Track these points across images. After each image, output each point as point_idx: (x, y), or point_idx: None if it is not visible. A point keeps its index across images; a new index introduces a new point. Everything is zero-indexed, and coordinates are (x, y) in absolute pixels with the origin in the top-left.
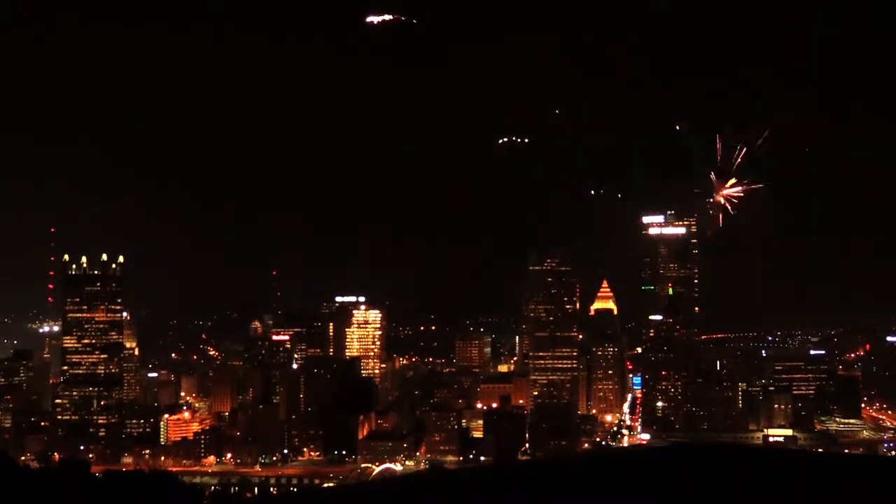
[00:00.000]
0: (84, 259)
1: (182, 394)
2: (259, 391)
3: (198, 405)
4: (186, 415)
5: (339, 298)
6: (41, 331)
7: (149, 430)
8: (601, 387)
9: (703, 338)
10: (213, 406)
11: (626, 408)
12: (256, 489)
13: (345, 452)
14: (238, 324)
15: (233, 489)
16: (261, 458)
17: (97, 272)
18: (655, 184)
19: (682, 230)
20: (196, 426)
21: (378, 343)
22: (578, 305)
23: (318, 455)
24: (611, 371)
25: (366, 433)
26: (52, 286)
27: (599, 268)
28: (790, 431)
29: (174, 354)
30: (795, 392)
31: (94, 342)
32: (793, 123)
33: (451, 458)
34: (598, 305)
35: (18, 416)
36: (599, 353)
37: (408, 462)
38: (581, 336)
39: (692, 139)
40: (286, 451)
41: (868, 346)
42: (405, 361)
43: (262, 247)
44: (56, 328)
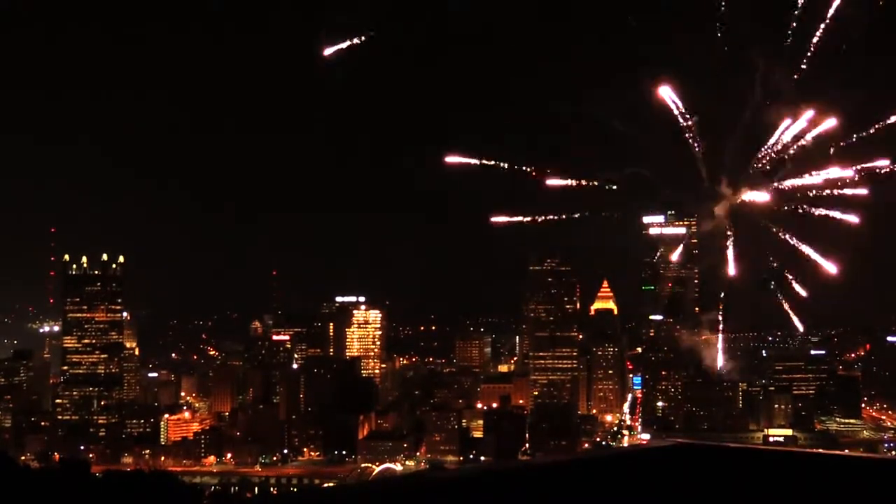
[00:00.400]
0: (84, 259)
1: (182, 394)
2: (259, 391)
3: (198, 405)
4: (186, 415)
5: (339, 298)
6: (41, 331)
7: (149, 430)
8: (601, 387)
9: (704, 338)
10: (213, 406)
11: (626, 408)
12: (256, 489)
13: (345, 452)
14: (238, 324)
15: (233, 489)
16: (261, 458)
17: (97, 272)
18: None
19: (682, 230)
20: (196, 426)
21: (378, 343)
22: (578, 305)
23: (318, 455)
24: (611, 371)
25: (366, 433)
26: (52, 286)
27: (599, 268)
28: (790, 431)
29: (174, 354)
30: (795, 392)
31: (94, 342)
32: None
33: (451, 458)
34: (598, 305)
35: (18, 416)
36: (599, 353)
37: (408, 462)
38: (581, 336)
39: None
40: (286, 451)
41: (868, 346)
42: (405, 361)
43: (262, 247)
44: (56, 328)
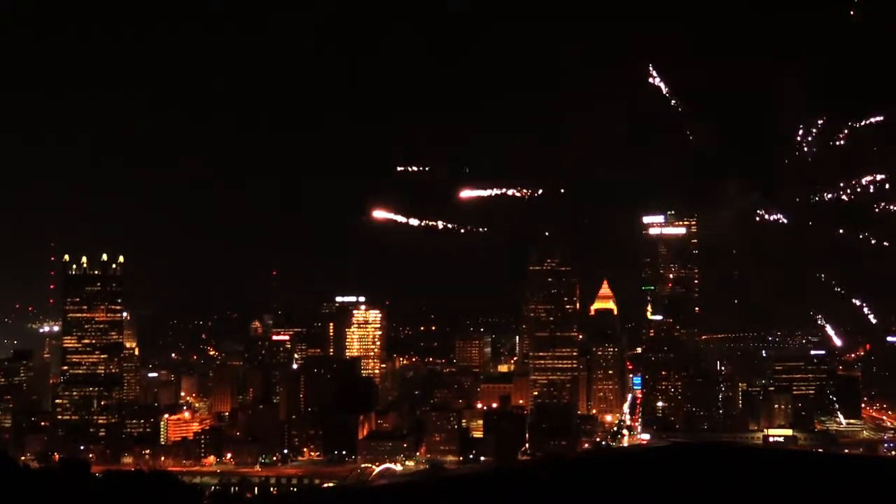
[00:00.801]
0: (84, 259)
1: (182, 394)
2: (259, 391)
3: (198, 405)
4: (186, 415)
5: (339, 298)
6: (41, 331)
7: (149, 430)
8: (601, 387)
9: (704, 338)
10: (213, 406)
11: (626, 408)
12: (256, 489)
13: (345, 452)
14: (238, 324)
15: (233, 489)
16: (261, 458)
17: (97, 272)
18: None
19: (682, 230)
20: (196, 426)
21: (378, 343)
22: (578, 305)
23: (318, 455)
24: (611, 371)
25: (366, 433)
26: (52, 286)
27: (599, 268)
28: (790, 431)
29: (174, 354)
30: (795, 392)
31: (94, 342)
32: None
33: (451, 458)
34: (598, 305)
35: (18, 416)
36: (599, 353)
37: (408, 462)
38: (581, 336)
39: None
40: (286, 451)
41: (868, 346)
42: (405, 361)
43: (263, 247)
44: (56, 328)
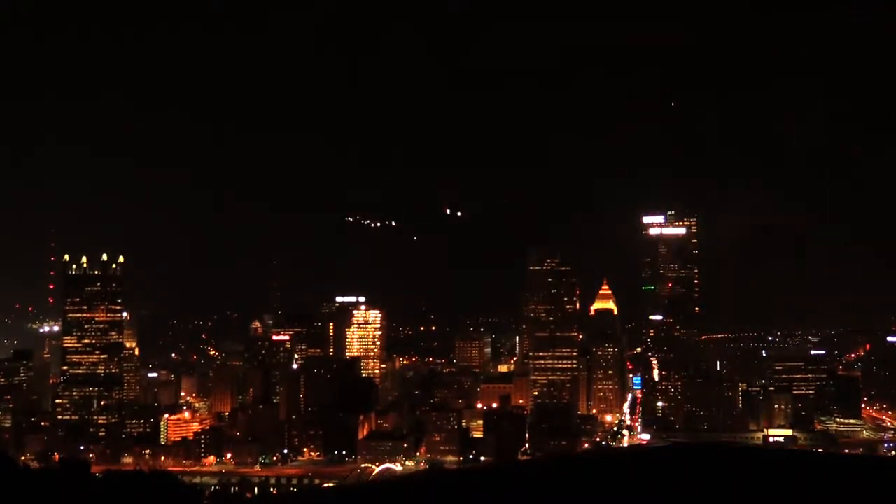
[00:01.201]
0: (84, 259)
1: (182, 394)
2: (259, 391)
3: (198, 405)
4: (186, 415)
5: (339, 298)
6: (41, 331)
7: (149, 430)
8: (601, 387)
9: (704, 338)
10: (213, 406)
11: (626, 408)
12: (256, 489)
13: (345, 452)
14: (238, 324)
15: (233, 489)
16: (261, 458)
17: (97, 272)
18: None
19: (682, 230)
20: (196, 426)
21: (378, 343)
22: (578, 305)
23: (318, 455)
24: (611, 371)
25: (366, 433)
26: (52, 286)
27: (599, 268)
28: (790, 431)
29: (174, 354)
30: (795, 392)
31: (94, 342)
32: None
33: (451, 458)
34: (598, 305)
35: (18, 416)
36: (599, 353)
37: (408, 462)
38: (581, 336)
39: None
40: (286, 451)
41: (868, 346)
42: (405, 361)
43: (262, 247)
44: (56, 328)
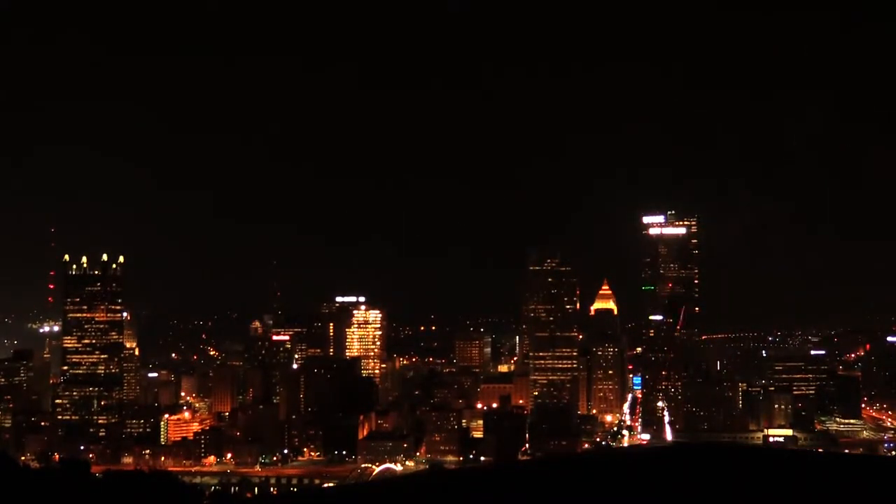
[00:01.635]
0: (84, 259)
1: (182, 394)
2: (259, 391)
3: (198, 405)
4: (186, 415)
5: (339, 298)
6: (41, 331)
7: (149, 430)
8: (601, 387)
9: (704, 337)
10: (213, 406)
11: (626, 408)
12: (256, 489)
13: (345, 452)
14: (238, 324)
15: (233, 489)
16: (261, 458)
17: (97, 272)
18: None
19: (682, 230)
20: (196, 426)
21: (378, 343)
22: (578, 305)
23: (318, 455)
24: (611, 371)
25: (366, 433)
26: (52, 286)
27: (599, 268)
28: (790, 431)
29: (174, 354)
30: (795, 392)
31: (94, 342)
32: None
33: (451, 458)
34: (598, 305)
35: (18, 416)
36: (599, 353)
37: (408, 462)
38: (581, 336)
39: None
40: (286, 451)
41: (868, 346)
42: (405, 361)
43: (263, 247)
44: (56, 328)
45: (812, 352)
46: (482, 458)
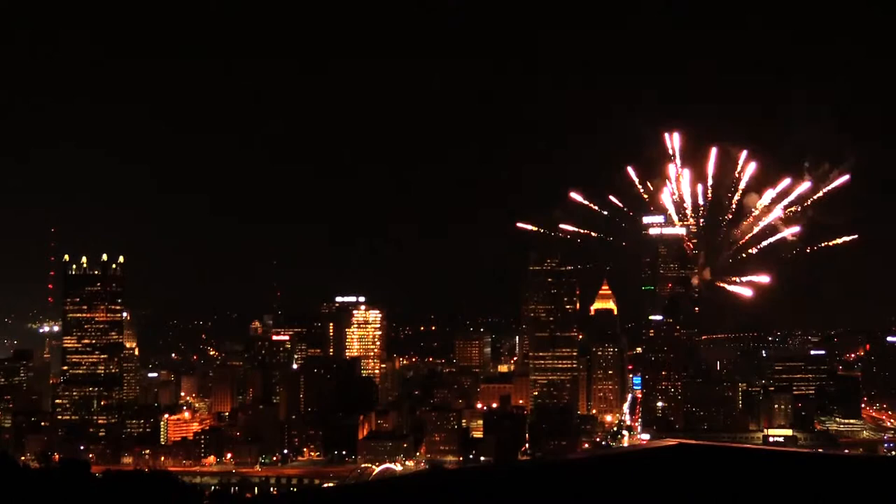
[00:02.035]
0: (84, 259)
1: (182, 394)
2: (259, 391)
3: (198, 405)
4: (186, 415)
5: (339, 298)
6: (41, 331)
7: (149, 430)
8: (601, 387)
9: (704, 337)
10: (213, 406)
11: (626, 408)
12: (256, 489)
13: (345, 452)
14: (238, 324)
15: (233, 489)
16: (261, 458)
17: (97, 272)
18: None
19: (683, 230)
20: (196, 426)
21: (378, 343)
22: (578, 305)
23: (318, 455)
24: (611, 371)
25: (366, 433)
26: (52, 286)
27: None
28: (790, 431)
29: (174, 354)
30: (795, 392)
31: (94, 342)
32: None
33: (451, 458)
34: (598, 305)
35: (18, 416)
36: (599, 353)
37: (408, 462)
38: (581, 336)
39: None
40: (286, 451)
41: (868, 346)
42: (405, 361)
43: (263, 247)
44: (56, 328)
45: (812, 352)
46: (482, 458)
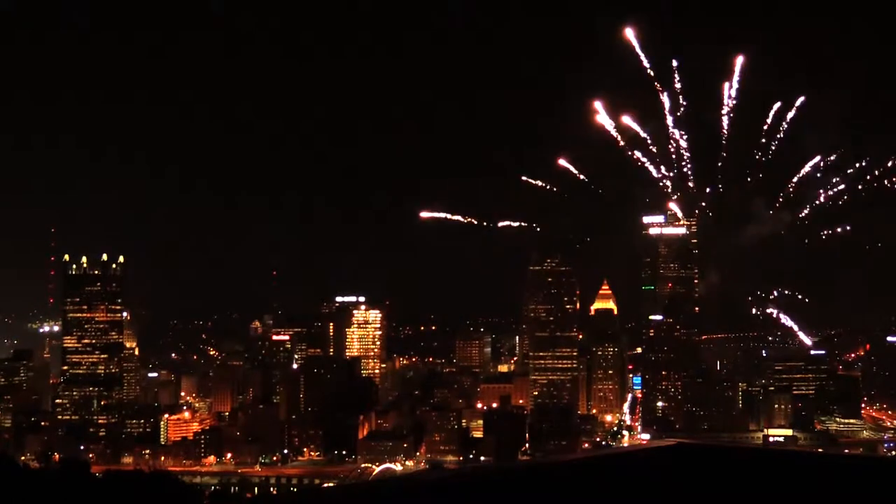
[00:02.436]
0: (84, 259)
1: (182, 394)
2: (259, 391)
3: (198, 405)
4: (186, 415)
5: (339, 298)
6: (41, 331)
7: (149, 430)
8: (601, 387)
9: (704, 337)
10: (213, 406)
11: (626, 408)
12: (256, 489)
13: (345, 452)
14: (238, 324)
15: (233, 489)
16: (261, 458)
17: (97, 272)
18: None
19: (682, 230)
20: (196, 426)
21: (378, 343)
22: (578, 305)
23: (318, 455)
24: (611, 371)
25: (366, 433)
26: (52, 286)
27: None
28: (790, 431)
29: (174, 354)
30: (795, 392)
31: (94, 342)
32: None
33: (451, 458)
34: (598, 305)
35: (18, 416)
36: (599, 353)
37: (408, 462)
38: (581, 336)
39: None
40: (286, 451)
41: (868, 346)
42: (405, 361)
43: (263, 247)
44: (56, 328)
45: (812, 352)
46: (482, 458)
